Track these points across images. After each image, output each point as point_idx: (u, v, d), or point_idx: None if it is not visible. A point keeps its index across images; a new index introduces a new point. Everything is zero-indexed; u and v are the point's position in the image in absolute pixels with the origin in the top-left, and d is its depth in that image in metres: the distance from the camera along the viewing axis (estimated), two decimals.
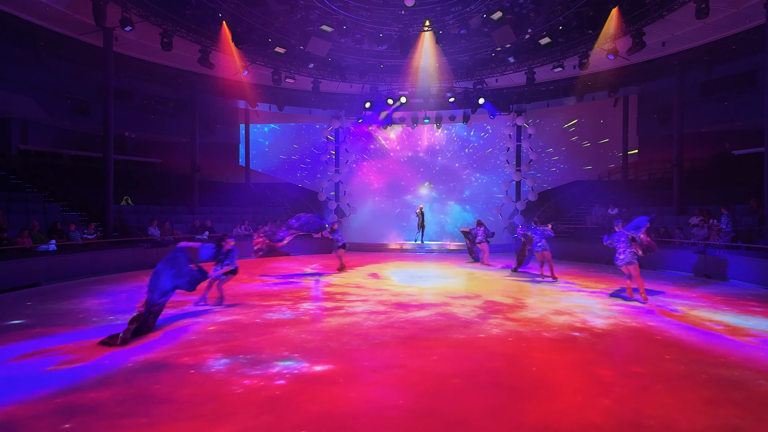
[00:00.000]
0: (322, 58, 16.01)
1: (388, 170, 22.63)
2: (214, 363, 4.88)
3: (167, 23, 13.29)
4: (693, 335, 6.02)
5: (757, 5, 11.33)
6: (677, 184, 15.32)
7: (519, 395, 4.13)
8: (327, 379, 4.47)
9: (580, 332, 6.15)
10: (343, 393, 4.16)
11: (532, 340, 5.84)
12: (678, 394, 4.11)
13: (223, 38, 14.06)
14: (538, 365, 4.89)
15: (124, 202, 16.11)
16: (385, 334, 6.10)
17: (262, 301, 8.25)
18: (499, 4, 13.31)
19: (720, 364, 4.89)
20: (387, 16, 14.61)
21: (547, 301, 8.34)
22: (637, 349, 5.54)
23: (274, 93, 19.00)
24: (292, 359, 5.01)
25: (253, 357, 5.07)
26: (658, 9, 12.27)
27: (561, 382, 4.41)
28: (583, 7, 13.20)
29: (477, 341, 5.79)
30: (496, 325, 6.56)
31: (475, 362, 4.98)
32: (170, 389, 4.19)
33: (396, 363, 4.95)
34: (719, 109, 16.56)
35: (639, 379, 4.47)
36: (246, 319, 6.84)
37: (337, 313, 7.30)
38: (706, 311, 7.44)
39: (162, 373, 4.57)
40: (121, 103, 17.06)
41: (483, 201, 22.06)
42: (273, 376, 4.52)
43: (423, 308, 7.69)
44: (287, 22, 14.31)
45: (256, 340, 5.74)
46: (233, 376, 4.49)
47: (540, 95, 19.25)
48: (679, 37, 13.78)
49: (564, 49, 15.31)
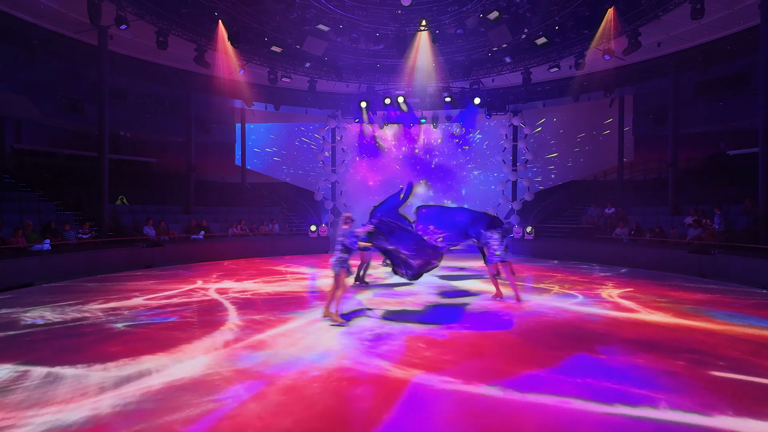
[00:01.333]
0: (318, 58, 15.99)
1: (384, 169, 22.63)
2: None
3: (163, 22, 13.24)
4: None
5: (752, 6, 11.41)
6: (672, 184, 15.40)
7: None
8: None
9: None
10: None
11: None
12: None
13: (218, 37, 14.02)
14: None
15: (120, 201, 16.03)
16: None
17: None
18: (495, 3, 13.33)
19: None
20: (383, 16, 14.61)
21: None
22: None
23: (271, 92, 18.97)
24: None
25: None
26: (654, 9, 12.34)
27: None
28: (579, 8, 13.24)
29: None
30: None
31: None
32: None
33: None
34: (714, 109, 16.65)
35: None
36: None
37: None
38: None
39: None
40: (116, 102, 16.97)
41: (479, 200, 22.09)
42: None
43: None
44: (283, 21, 14.28)
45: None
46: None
47: (536, 95, 19.31)
48: (674, 38, 13.85)
49: (560, 49, 15.36)
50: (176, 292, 8.87)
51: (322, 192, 21.02)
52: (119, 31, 12.85)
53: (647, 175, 19.92)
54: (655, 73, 16.11)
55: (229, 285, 9.85)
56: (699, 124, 17.13)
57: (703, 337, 5.84)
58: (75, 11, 12.10)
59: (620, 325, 6.46)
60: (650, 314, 7.13)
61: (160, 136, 20.14)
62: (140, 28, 13.10)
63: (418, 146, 22.76)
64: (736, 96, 15.82)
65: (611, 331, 6.18)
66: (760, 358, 5.02)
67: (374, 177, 22.61)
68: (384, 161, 22.74)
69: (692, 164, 18.35)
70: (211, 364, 4.77)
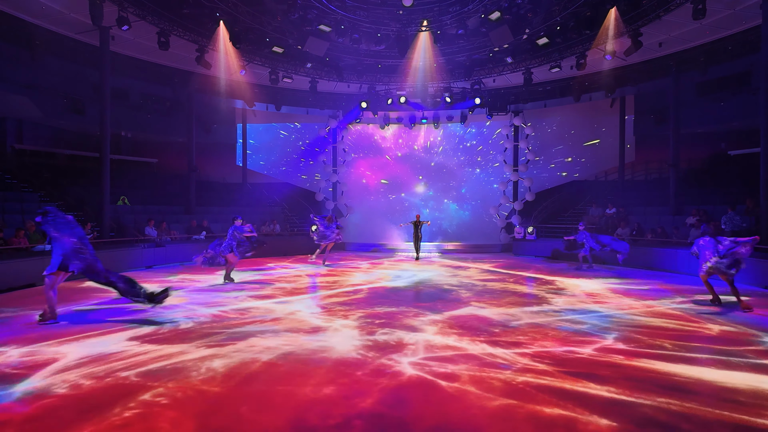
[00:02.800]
0: (319, 58, 15.99)
1: (385, 169, 22.64)
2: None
3: (164, 22, 13.24)
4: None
5: (753, 6, 11.41)
6: (673, 184, 15.38)
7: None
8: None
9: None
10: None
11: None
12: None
13: (220, 37, 14.01)
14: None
15: (121, 202, 16.04)
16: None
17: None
18: (496, 4, 13.33)
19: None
20: (385, 16, 14.61)
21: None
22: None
23: (272, 93, 18.97)
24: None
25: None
26: (655, 10, 12.33)
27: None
28: (581, 8, 13.23)
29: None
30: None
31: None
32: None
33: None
34: (715, 109, 16.65)
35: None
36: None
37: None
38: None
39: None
40: (118, 102, 16.94)
41: (480, 200, 22.10)
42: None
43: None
44: (285, 21, 14.28)
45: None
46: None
47: (537, 95, 19.30)
48: (675, 38, 13.84)
49: (561, 50, 15.35)
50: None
51: (323, 192, 21.03)
52: (121, 32, 12.85)
53: (648, 175, 19.92)
54: (656, 73, 16.09)
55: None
56: (700, 124, 17.13)
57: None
58: (76, 12, 12.09)
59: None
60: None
61: (162, 136, 20.15)
62: (142, 28, 13.10)
63: (418, 146, 22.76)
64: (738, 96, 15.82)
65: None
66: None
67: (375, 176, 22.63)
68: (385, 161, 22.76)
69: (693, 164, 18.36)
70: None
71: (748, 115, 14.47)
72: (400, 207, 22.32)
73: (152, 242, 13.87)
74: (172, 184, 18.65)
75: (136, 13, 12.50)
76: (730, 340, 5.75)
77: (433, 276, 11.67)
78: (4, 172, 14.32)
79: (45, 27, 12.92)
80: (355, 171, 22.32)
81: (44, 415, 3.64)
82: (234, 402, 3.88)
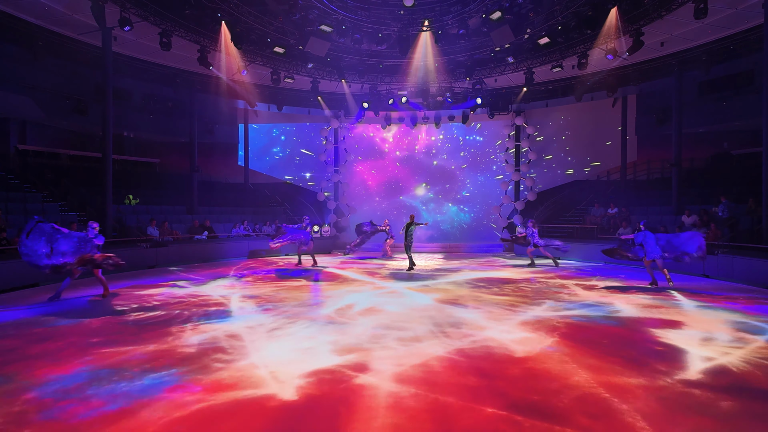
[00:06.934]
0: (321, 58, 16.01)
1: (386, 170, 22.63)
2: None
3: (166, 23, 13.27)
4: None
5: (756, 5, 11.38)
6: (676, 184, 15.35)
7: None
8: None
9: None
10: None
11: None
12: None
13: (222, 38, 14.05)
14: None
15: (128, 201, 16.08)
16: None
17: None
18: (498, 4, 13.31)
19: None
20: (386, 16, 14.62)
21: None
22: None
23: (273, 93, 19.00)
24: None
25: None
26: (657, 9, 12.31)
27: None
28: (582, 7, 13.21)
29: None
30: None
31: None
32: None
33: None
34: (717, 109, 16.60)
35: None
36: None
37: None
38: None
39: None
40: (120, 103, 17.04)
41: (481, 200, 22.06)
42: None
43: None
44: (286, 22, 14.31)
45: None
46: None
47: (539, 95, 19.29)
48: (677, 37, 13.81)
49: (563, 49, 15.33)
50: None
51: (324, 192, 21.05)
52: (123, 33, 12.89)
53: (651, 175, 19.87)
54: (658, 73, 16.07)
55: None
56: (702, 124, 17.07)
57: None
58: (79, 13, 12.15)
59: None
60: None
61: (164, 136, 20.21)
62: (144, 29, 13.14)
63: (420, 146, 22.76)
64: (740, 95, 15.78)
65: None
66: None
67: (377, 177, 22.62)
68: (386, 161, 22.75)
69: (696, 164, 18.31)
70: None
71: (751, 115, 14.42)
72: (401, 207, 22.29)
73: (155, 242, 13.90)
74: (175, 184, 18.70)
75: (138, 13, 12.54)
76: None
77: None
78: (8, 172, 14.38)
79: (47, 28, 12.99)
80: (356, 171, 22.31)
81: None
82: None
